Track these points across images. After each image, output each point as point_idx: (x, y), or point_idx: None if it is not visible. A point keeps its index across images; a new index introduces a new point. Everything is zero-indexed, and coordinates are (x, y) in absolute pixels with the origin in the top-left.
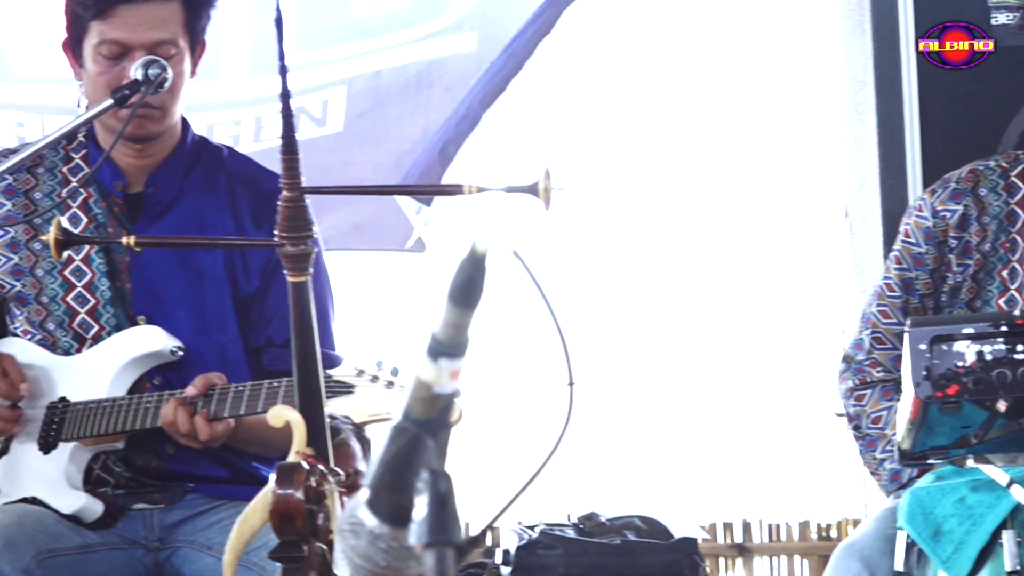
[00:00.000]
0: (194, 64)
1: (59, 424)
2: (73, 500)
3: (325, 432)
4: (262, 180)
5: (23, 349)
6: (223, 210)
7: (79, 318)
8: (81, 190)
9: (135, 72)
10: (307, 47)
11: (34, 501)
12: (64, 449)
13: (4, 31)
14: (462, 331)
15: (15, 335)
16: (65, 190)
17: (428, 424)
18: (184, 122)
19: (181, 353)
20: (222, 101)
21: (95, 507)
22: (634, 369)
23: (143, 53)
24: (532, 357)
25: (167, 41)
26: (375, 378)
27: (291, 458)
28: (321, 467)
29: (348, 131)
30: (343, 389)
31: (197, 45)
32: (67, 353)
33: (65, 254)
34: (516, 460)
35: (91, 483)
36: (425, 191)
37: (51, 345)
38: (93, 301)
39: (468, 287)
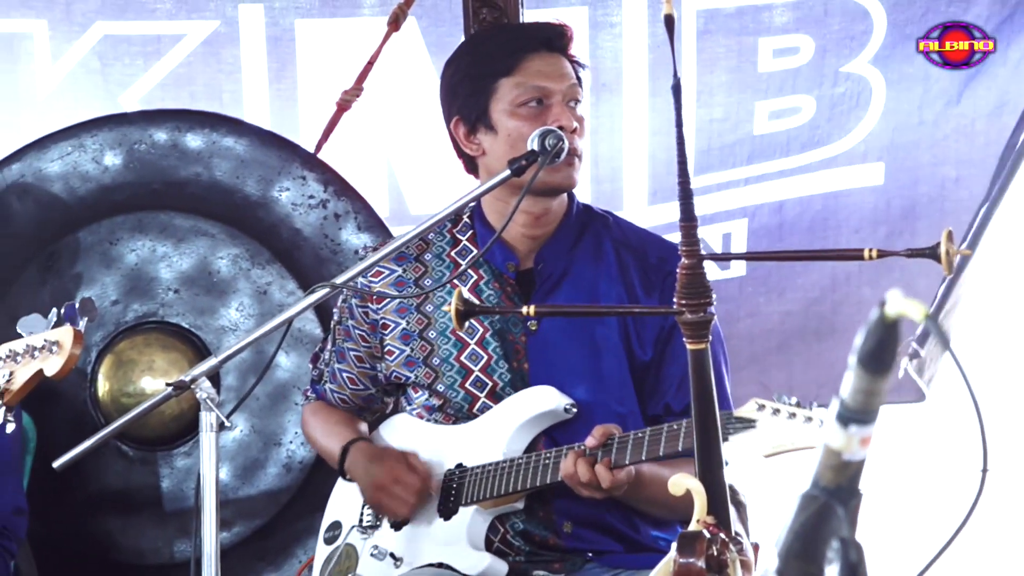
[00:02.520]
0: None
1: (458, 490)
2: (478, 560)
3: (726, 500)
4: (650, 248)
5: (416, 425)
6: (613, 280)
7: (479, 403)
8: (471, 272)
9: (531, 143)
10: (706, 169)
11: (439, 566)
12: (464, 513)
13: (403, 171)
14: (872, 397)
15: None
16: (454, 274)
17: (838, 492)
18: (570, 193)
19: (575, 411)
20: None
21: (500, 567)
22: None
23: (560, 100)
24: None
25: (577, 88)
26: (776, 411)
27: (692, 526)
28: (723, 535)
29: (751, 275)
30: (744, 425)
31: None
32: None
33: (473, 326)
34: (923, 538)
35: (491, 554)
36: (827, 256)
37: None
38: (491, 384)
39: (878, 353)
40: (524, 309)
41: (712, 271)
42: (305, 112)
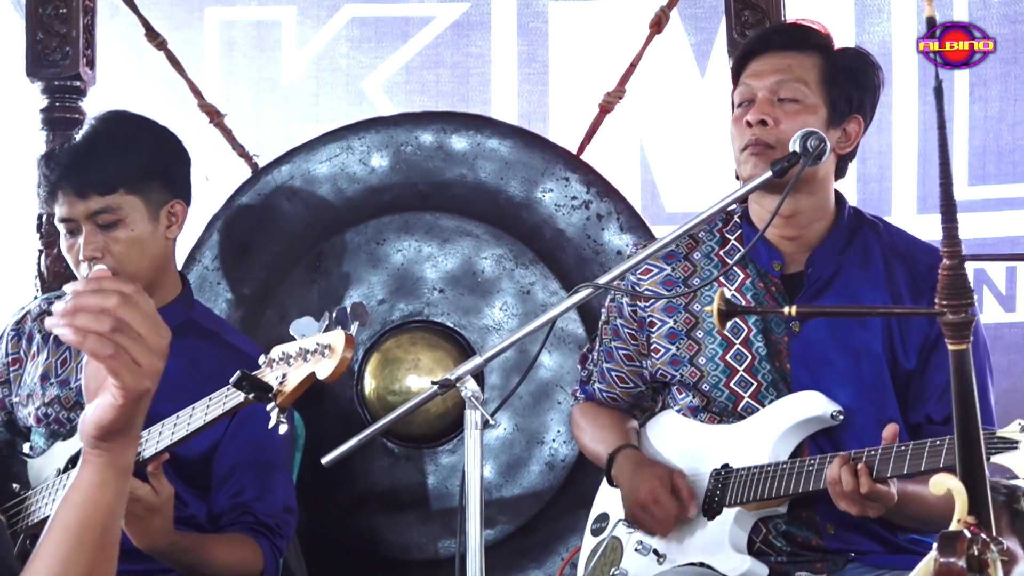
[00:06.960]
0: (848, 151)
1: (722, 490)
2: (739, 563)
3: (987, 501)
4: (920, 255)
5: (683, 424)
6: (880, 286)
7: (743, 403)
8: (737, 271)
9: (793, 144)
10: (983, 179)
11: (700, 566)
12: (728, 514)
13: (659, 167)
14: None
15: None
16: (721, 272)
17: None
18: (839, 197)
19: (841, 417)
20: None
21: (760, 570)
22: None
23: (765, 97)
24: None
25: (788, 83)
26: None
27: (953, 526)
28: (984, 536)
29: None
30: (1006, 445)
31: (837, 116)
32: None
33: (738, 325)
34: None
35: (752, 554)
36: None
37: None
38: (755, 384)
39: None
40: (786, 309)
41: (995, 313)
42: (556, 97)
